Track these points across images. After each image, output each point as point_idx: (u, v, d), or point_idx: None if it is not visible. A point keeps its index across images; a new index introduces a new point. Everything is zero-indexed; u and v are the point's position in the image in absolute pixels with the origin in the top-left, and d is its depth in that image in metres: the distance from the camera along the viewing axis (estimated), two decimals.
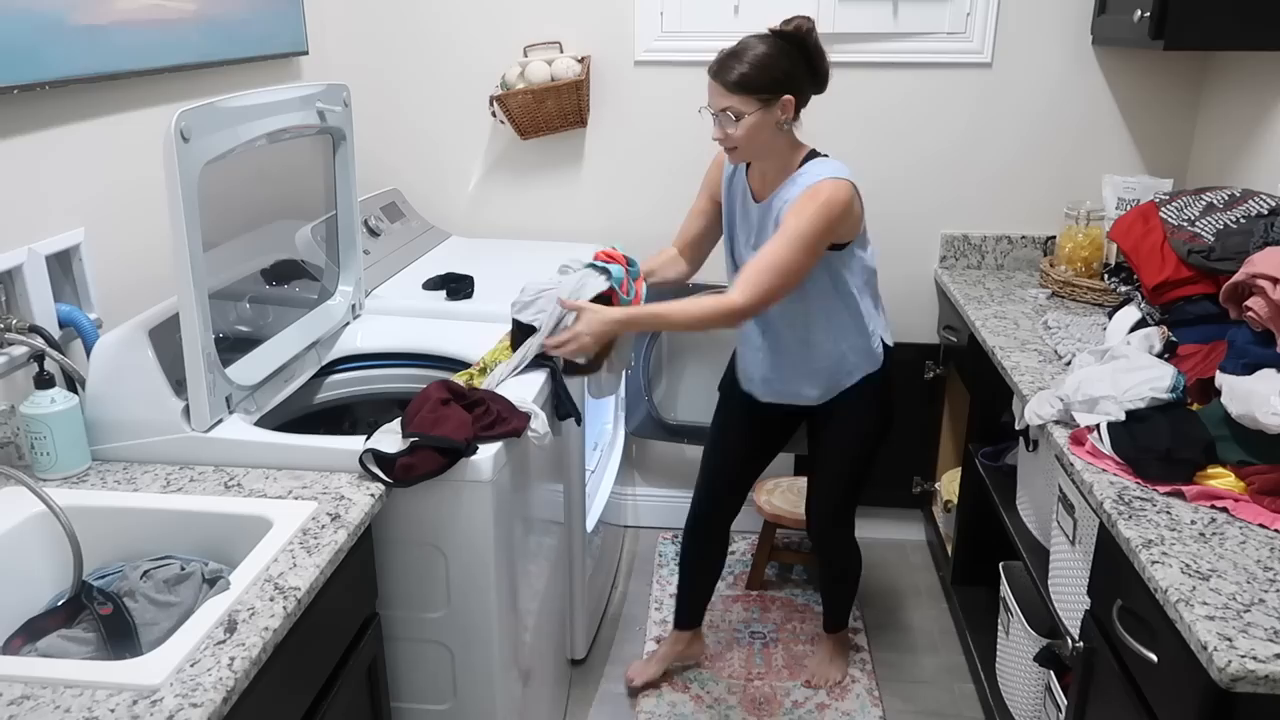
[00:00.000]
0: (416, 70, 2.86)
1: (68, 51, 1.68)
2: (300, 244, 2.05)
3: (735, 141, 1.93)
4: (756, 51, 1.89)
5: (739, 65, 1.88)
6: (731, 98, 1.89)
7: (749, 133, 1.91)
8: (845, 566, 2.44)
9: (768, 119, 1.91)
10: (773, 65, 1.89)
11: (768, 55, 1.89)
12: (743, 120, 1.90)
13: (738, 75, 1.88)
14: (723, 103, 1.91)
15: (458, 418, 1.61)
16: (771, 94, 1.89)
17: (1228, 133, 2.53)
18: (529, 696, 1.96)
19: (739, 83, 1.88)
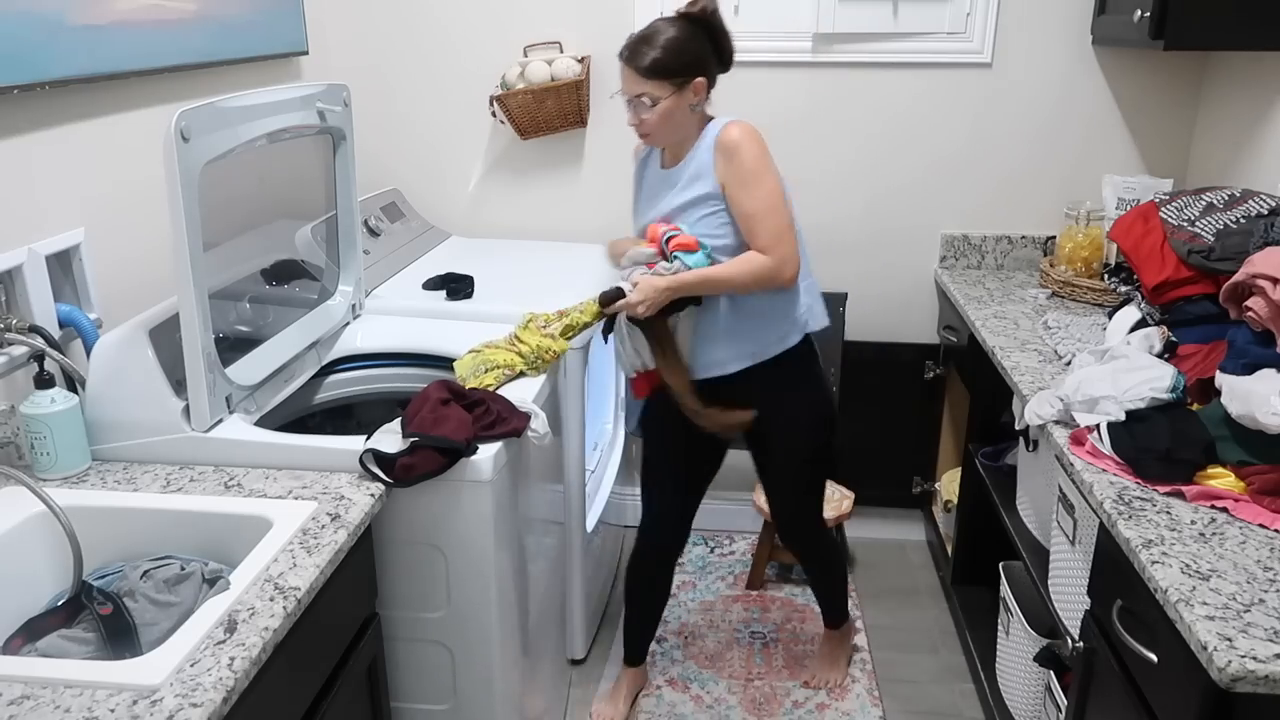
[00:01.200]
0: (417, 70, 2.86)
1: (67, 51, 1.68)
2: (300, 244, 2.05)
3: (650, 127, 1.94)
4: (667, 36, 1.90)
5: (651, 50, 1.89)
6: (646, 83, 1.90)
7: (662, 117, 1.93)
8: (826, 561, 2.40)
9: (681, 102, 1.93)
10: (683, 49, 1.90)
11: (678, 39, 1.90)
12: (657, 105, 1.91)
13: (651, 61, 1.89)
14: (637, 89, 1.91)
15: (458, 418, 1.61)
16: (684, 77, 1.91)
17: (1228, 133, 2.53)
18: (529, 696, 1.96)
19: (652, 68, 1.89)
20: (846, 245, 2.91)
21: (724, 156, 1.93)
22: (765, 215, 1.92)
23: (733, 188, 1.93)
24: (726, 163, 1.92)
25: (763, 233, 1.92)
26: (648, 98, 1.91)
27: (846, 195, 2.86)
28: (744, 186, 1.92)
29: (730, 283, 1.95)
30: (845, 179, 2.85)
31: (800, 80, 2.78)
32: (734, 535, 3.13)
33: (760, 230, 1.92)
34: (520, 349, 1.93)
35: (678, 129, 1.97)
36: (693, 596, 2.82)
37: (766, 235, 1.92)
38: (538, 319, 2.01)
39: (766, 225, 1.92)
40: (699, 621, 2.71)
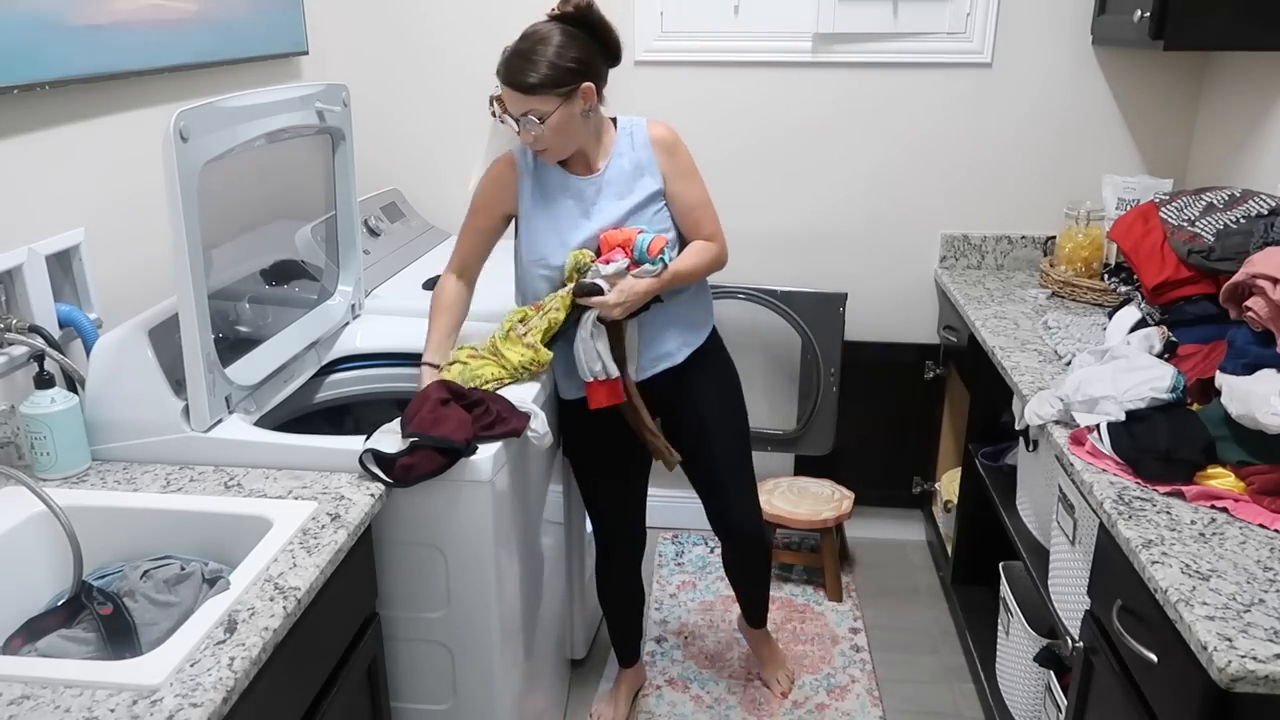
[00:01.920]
0: (416, 70, 2.86)
1: (67, 51, 1.68)
2: (300, 244, 2.05)
3: (545, 143, 1.84)
4: (545, 47, 1.79)
5: (529, 66, 1.78)
6: (530, 100, 1.79)
7: (555, 131, 1.83)
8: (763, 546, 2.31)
9: (571, 111, 1.83)
10: (563, 57, 1.79)
11: (557, 48, 1.79)
12: (547, 120, 1.81)
13: (530, 77, 1.78)
14: (522, 107, 1.80)
15: (457, 418, 1.61)
16: (569, 86, 1.81)
17: (1228, 133, 2.53)
18: (529, 696, 1.96)
19: (535, 85, 1.78)
20: (846, 245, 2.91)
21: (666, 153, 1.97)
22: (707, 204, 2.01)
23: (677, 182, 1.97)
24: (669, 158, 1.97)
25: (707, 220, 2.00)
26: (534, 114, 1.80)
27: (846, 195, 2.86)
28: (687, 179, 1.98)
29: (695, 274, 1.99)
30: (844, 179, 2.85)
31: (800, 80, 2.78)
32: None
33: (705, 219, 2.00)
34: (504, 363, 1.89)
35: (574, 138, 1.88)
36: (693, 596, 2.82)
37: (712, 222, 2.01)
38: (516, 324, 1.93)
39: (709, 213, 2.01)
40: (699, 621, 2.71)
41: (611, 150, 1.96)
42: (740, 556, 2.30)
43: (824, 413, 2.91)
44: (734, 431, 2.15)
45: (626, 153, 1.96)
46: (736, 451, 2.16)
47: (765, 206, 2.89)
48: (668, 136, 1.98)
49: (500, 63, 1.83)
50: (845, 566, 2.96)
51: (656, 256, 1.89)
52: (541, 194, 1.96)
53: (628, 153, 1.96)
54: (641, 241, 1.90)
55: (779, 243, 2.91)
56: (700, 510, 2.26)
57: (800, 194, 2.88)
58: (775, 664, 2.48)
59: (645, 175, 1.96)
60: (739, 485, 2.17)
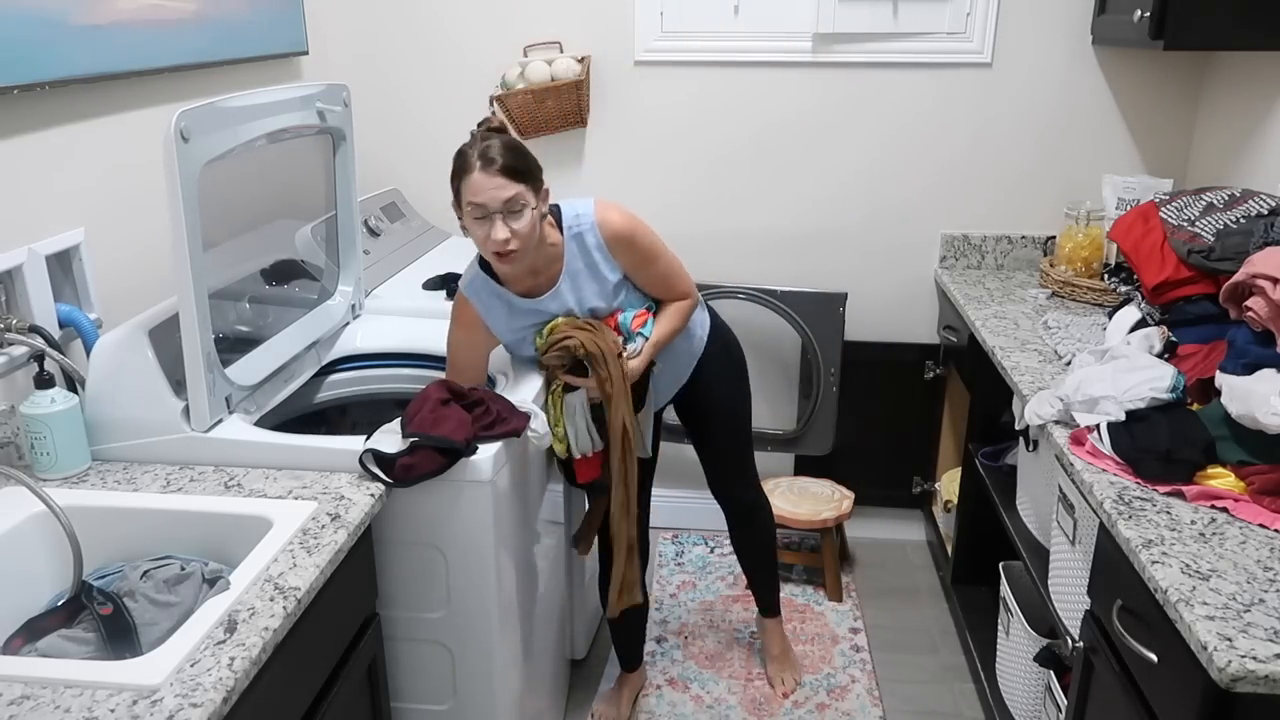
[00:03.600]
0: (416, 70, 2.86)
1: (68, 51, 1.68)
2: (300, 244, 2.05)
3: (522, 239, 1.71)
4: (512, 140, 1.74)
5: (514, 153, 1.70)
6: (516, 186, 1.68)
7: (531, 227, 1.72)
8: (768, 527, 2.39)
9: (541, 209, 1.76)
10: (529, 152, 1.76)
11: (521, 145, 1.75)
12: (526, 212, 1.70)
13: (519, 163, 1.70)
14: (507, 194, 1.67)
15: (457, 418, 1.61)
16: (541, 183, 1.76)
17: (1228, 133, 2.53)
18: (529, 696, 1.96)
19: (523, 171, 1.70)
20: (846, 245, 2.91)
21: (623, 249, 1.88)
22: (675, 270, 1.98)
23: (641, 268, 1.93)
24: (628, 253, 1.89)
25: (679, 284, 2.00)
26: (523, 204, 1.69)
27: (846, 195, 2.86)
28: (653, 261, 1.94)
29: (674, 335, 2.01)
30: (845, 179, 2.85)
31: (800, 80, 2.78)
32: None
33: (676, 283, 1.99)
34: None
35: (534, 244, 1.76)
36: (693, 596, 2.82)
37: (683, 284, 2.01)
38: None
39: (680, 276, 2.00)
40: (699, 621, 2.71)
41: (562, 259, 1.85)
42: (740, 528, 2.37)
43: (824, 413, 2.91)
44: (734, 412, 2.24)
45: (579, 256, 1.86)
46: (735, 429, 2.26)
47: (765, 206, 2.89)
48: (622, 230, 1.86)
49: (470, 155, 1.70)
50: (845, 566, 2.96)
51: (637, 331, 1.93)
52: (509, 330, 1.90)
53: (580, 255, 1.86)
54: (624, 320, 1.93)
55: (779, 243, 2.91)
56: (700, 510, 2.27)
57: (800, 194, 2.88)
58: (784, 662, 2.48)
59: (603, 272, 1.88)
60: (737, 459, 2.29)
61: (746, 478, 2.33)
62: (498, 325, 1.90)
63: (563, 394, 1.88)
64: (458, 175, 1.72)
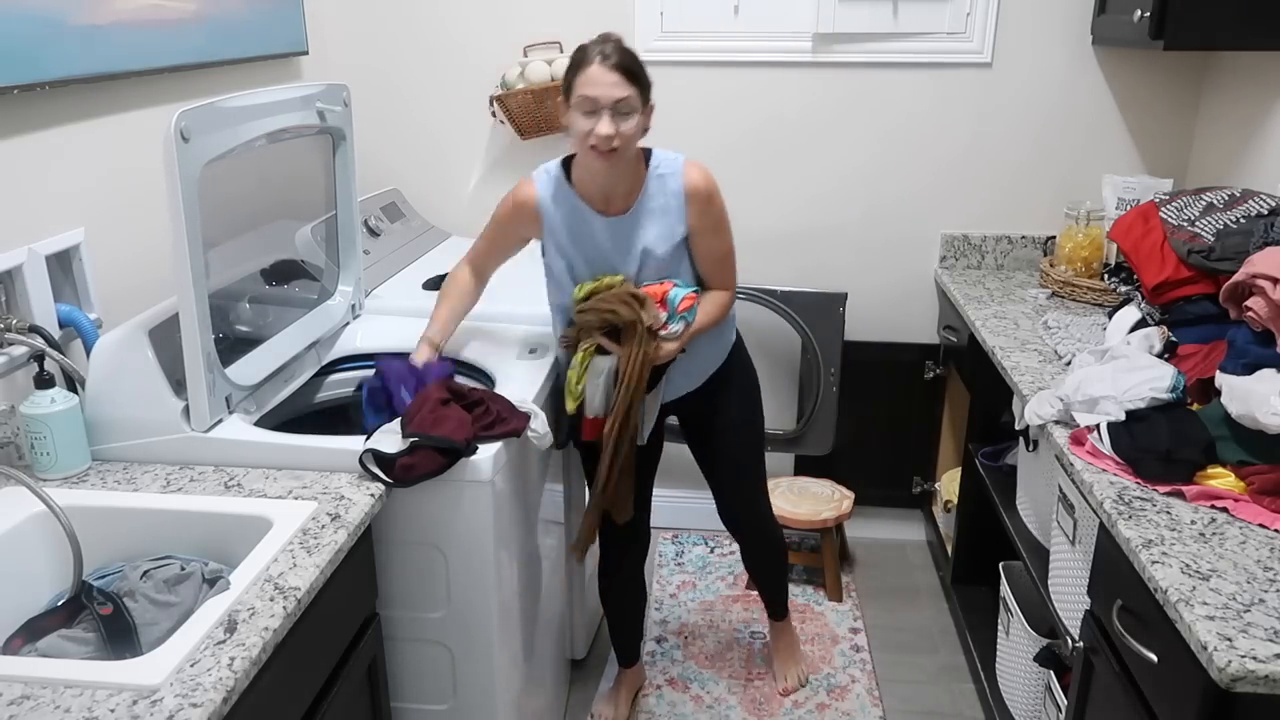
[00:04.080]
0: (417, 70, 2.86)
1: (67, 51, 1.68)
2: (300, 244, 2.05)
3: (624, 139, 1.74)
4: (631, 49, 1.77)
5: (631, 58, 1.73)
6: (630, 88, 1.72)
7: (636, 132, 1.76)
8: (781, 553, 2.38)
9: (645, 123, 1.80)
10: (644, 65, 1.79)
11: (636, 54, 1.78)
12: (634, 117, 1.74)
13: (637, 66, 1.73)
14: (621, 93, 1.71)
15: (458, 418, 1.61)
16: (650, 96, 1.80)
17: (1228, 133, 2.53)
18: (529, 696, 1.96)
19: (639, 76, 1.73)
20: (846, 245, 2.91)
21: (699, 204, 1.88)
22: (730, 256, 1.98)
23: (705, 236, 1.92)
24: (702, 211, 1.89)
25: (728, 272, 2.00)
26: (629, 108, 1.73)
27: (846, 195, 2.86)
28: (718, 233, 1.94)
29: (708, 328, 1.98)
30: (845, 179, 2.85)
31: (800, 80, 2.78)
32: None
33: (726, 270, 1.99)
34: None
35: (633, 153, 1.81)
36: (693, 596, 2.82)
37: (730, 274, 2.00)
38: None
39: (730, 265, 1.99)
40: (699, 621, 2.71)
41: (640, 190, 1.88)
42: (748, 549, 2.37)
43: (824, 413, 2.91)
44: (744, 439, 2.19)
45: (656, 195, 1.88)
46: (745, 456, 2.21)
47: (765, 206, 2.89)
48: (704, 187, 1.88)
49: (592, 48, 1.74)
50: (845, 566, 2.96)
51: (682, 314, 1.89)
52: (567, 233, 1.91)
53: (658, 195, 1.88)
54: (674, 296, 1.88)
55: (779, 242, 2.91)
56: (700, 510, 2.27)
57: (800, 193, 2.88)
58: (788, 658, 2.48)
59: (674, 221, 1.89)
60: (745, 486, 2.23)
61: (756, 508, 2.27)
62: (554, 223, 1.91)
63: (593, 354, 1.89)
64: (574, 68, 1.75)
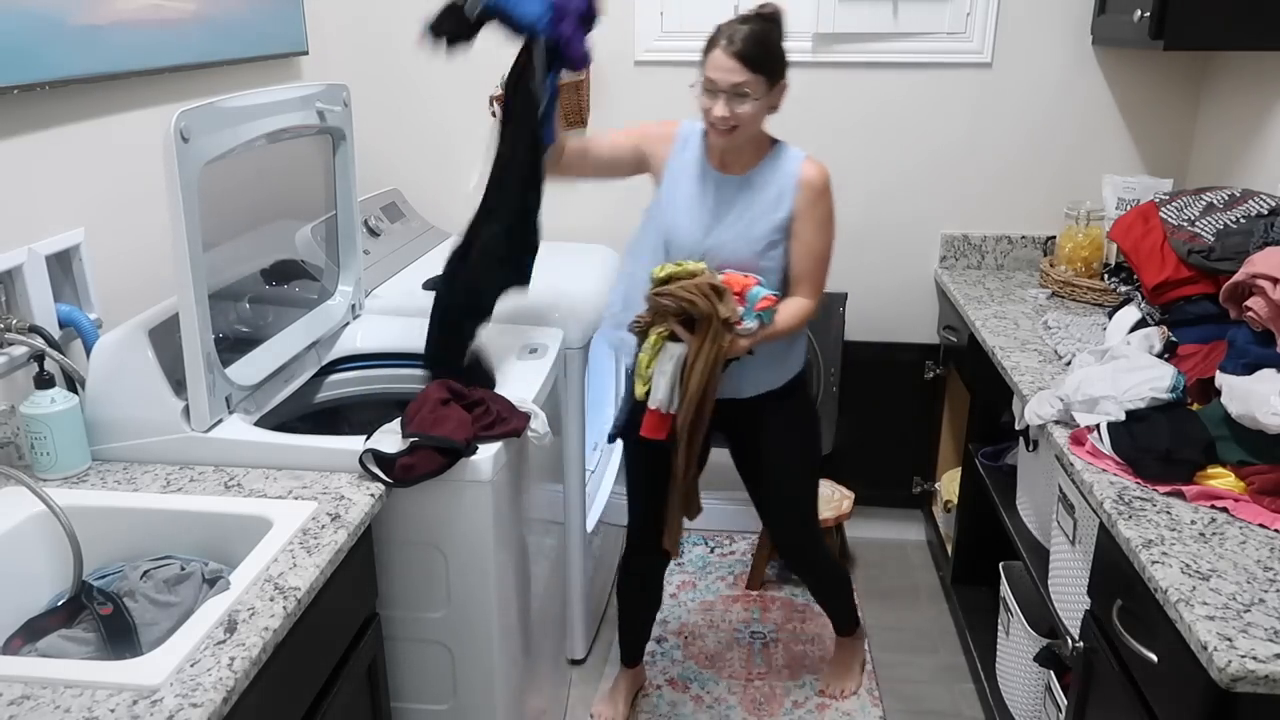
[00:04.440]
0: (417, 70, 2.86)
1: (67, 51, 1.68)
2: (300, 244, 2.05)
3: (740, 120, 1.85)
4: (768, 31, 1.84)
5: (763, 47, 1.83)
6: (748, 75, 1.81)
7: (754, 115, 1.86)
8: (834, 579, 2.35)
9: (768, 103, 1.88)
10: (779, 48, 1.86)
11: (775, 37, 1.85)
12: (749, 101, 1.84)
13: (762, 56, 1.82)
14: (737, 78, 1.82)
15: (458, 418, 1.61)
16: (778, 78, 1.87)
17: (1228, 133, 2.53)
18: (529, 696, 1.96)
19: (760, 63, 1.82)
20: (846, 245, 2.88)
21: (809, 193, 1.93)
22: (823, 262, 1.98)
23: (807, 225, 1.93)
24: (810, 202, 1.93)
25: (817, 278, 1.99)
26: (747, 89, 1.82)
27: (847, 195, 2.84)
28: (819, 230, 1.95)
29: (783, 335, 1.96)
30: (845, 179, 2.83)
31: (800, 80, 2.74)
32: (734, 535, 3.13)
33: (816, 275, 1.97)
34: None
35: (752, 132, 1.91)
36: (693, 596, 2.82)
37: (818, 281, 1.98)
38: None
39: (821, 272, 1.98)
40: (699, 621, 2.71)
41: (756, 165, 1.96)
42: (796, 573, 2.46)
43: (824, 413, 2.91)
44: (794, 475, 2.17)
45: (772, 172, 1.95)
46: (793, 491, 2.18)
47: None
48: (817, 182, 1.93)
49: (723, 31, 1.84)
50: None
51: (759, 312, 1.87)
52: (684, 177, 1.99)
53: (773, 173, 1.95)
54: (755, 294, 1.87)
55: None
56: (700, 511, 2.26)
57: None
58: (838, 666, 2.46)
59: (782, 204, 1.93)
60: (789, 517, 2.21)
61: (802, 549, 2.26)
62: (677, 161, 2.00)
63: (666, 340, 1.88)
64: (707, 46, 1.87)
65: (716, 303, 1.82)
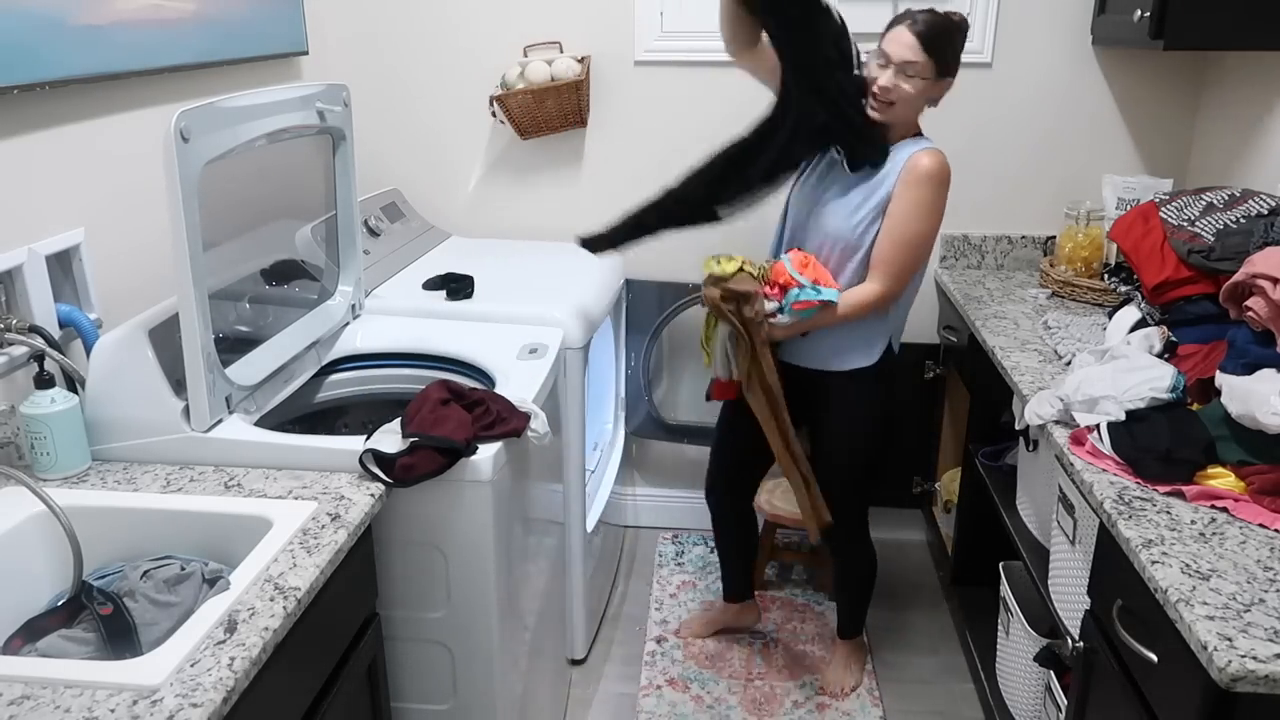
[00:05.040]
0: (416, 70, 2.86)
1: (67, 51, 1.68)
2: (300, 244, 2.05)
3: (899, 96, 1.94)
4: (952, 27, 1.95)
5: (945, 33, 1.92)
6: (921, 54, 1.91)
7: (914, 96, 1.95)
8: (859, 574, 2.42)
9: (930, 91, 1.97)
10: (957, 44, 1.96)
11: (956, 33, 1.96)
12: (916, 81, 1.93)
13: (940, 41, 1.91)
14: (911, 55, 1.91)
15: (457, 418, 1.61)
16: (947, 72, 1.96)
17: (1228, 133, 2.53)
18: (529, 696, 1.96)
19: (937, 49, 1.91)
20: None
21: (911, 176, 1.98)
22: (907, 248, 2.00)
23: (901, 204, 1.99)
24: (909, 184, 1.98)
25: (896, 264, 2.01)
26: (915, 68, 1.91)
27: None
28: (911, 214, 2.00)
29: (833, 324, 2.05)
30: None
31: None
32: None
33: (895, 260, 2.01)
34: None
35: (907, 115, 2.00)
36: (693, 596, 2.82)
37: (897, 268, 2.02)
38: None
39: (904, 258, 2.02)
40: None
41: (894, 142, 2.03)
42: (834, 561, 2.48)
43: None
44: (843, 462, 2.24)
45: (891, 158, 2.02)
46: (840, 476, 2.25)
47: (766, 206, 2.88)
48: (923, 167, 1.98)
49: (910, 13, 1.94)
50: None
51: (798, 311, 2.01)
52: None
53: (892, 159, 2.02)
54: (792, 295, 2.00)
55: None
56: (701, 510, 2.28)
57: None
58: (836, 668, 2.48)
59: (884, 182, 2.02)
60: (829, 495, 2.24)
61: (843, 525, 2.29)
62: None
63: (716, 321, 2.11)
64: (891, 24, 1.99)
65: (742, 305, 2.00)
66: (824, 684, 2.45)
